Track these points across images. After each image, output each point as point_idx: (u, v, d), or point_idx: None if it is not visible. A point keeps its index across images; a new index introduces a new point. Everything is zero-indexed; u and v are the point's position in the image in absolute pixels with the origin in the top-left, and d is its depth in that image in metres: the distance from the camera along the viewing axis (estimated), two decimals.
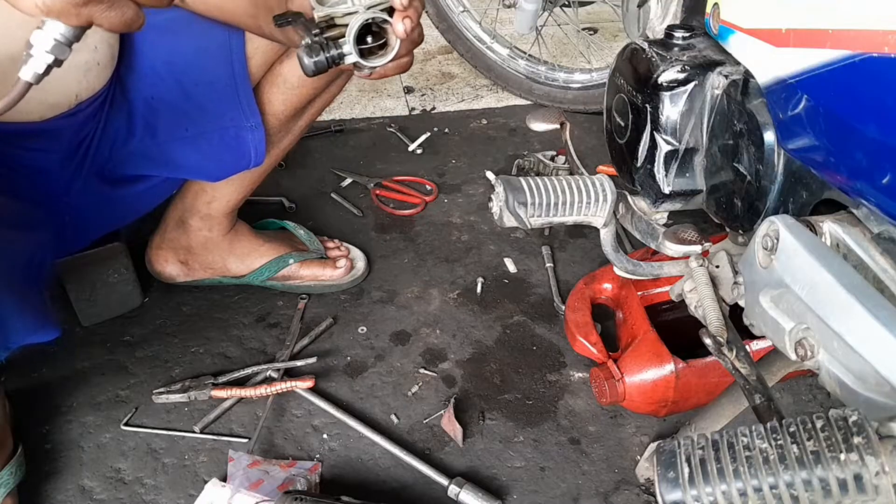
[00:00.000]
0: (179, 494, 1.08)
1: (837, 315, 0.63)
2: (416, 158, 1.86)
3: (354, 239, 1.56)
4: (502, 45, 2.10)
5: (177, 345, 1.32)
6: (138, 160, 1.14)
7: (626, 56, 0.95)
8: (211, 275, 1.41)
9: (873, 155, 0.64)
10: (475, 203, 1.70)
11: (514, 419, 1.21)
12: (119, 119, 1.09)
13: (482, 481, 1.10)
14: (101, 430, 1.17)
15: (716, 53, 0.88)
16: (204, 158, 1.17)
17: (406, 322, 1.39)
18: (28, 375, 1.25)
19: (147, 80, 1.08)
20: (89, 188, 1.11)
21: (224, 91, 1.12)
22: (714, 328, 0.79)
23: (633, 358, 1.10)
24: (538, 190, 0.86)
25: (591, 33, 2.35)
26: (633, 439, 1.18)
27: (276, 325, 1.37)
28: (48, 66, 0.66)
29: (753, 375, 0.75)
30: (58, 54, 0.66)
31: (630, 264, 0.96)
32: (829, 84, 0.67)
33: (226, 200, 1.33)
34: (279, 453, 1.14)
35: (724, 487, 0.52)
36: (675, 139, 0.90)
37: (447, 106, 2.11)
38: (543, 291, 1.46)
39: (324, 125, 1.94)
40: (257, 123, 1.16)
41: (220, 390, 1.20)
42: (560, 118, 1.06)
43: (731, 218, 0.89)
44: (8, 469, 1.01)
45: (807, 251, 0.67)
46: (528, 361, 1.31)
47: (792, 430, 0.53)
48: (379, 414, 1.21)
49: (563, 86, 2.04)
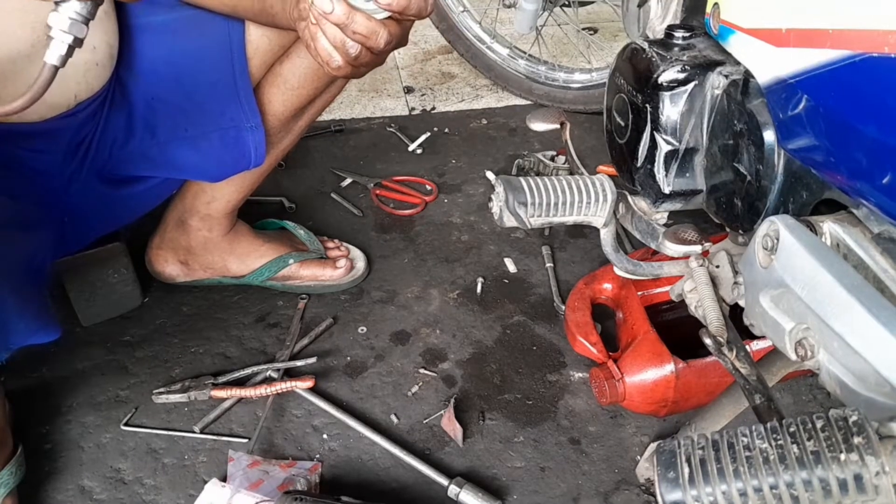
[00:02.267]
0: (179, 494, 1.08)
1: (837, 315, 0.63)
2: (416, 158, 1.86)
3: (354, 239, 1.56)
4: (502, 44, 2.10)
5: (177, 345, 1.32)
6: (138, 161, 1.14)
7: (626, 56, 0.95)
8: (211, 275, 1.41)
9: (873, 155, 0.64)
10: (475, 203, 1.70)
11: (514, 419, 1.21)
12: (119, 119, 1.09)
13: (482, 481, 1.10)
14: (101, 430, 1.17)
15: (716, 53, 0.88)
16: (204, 159, 1.17)
17: (406, 322, 1.39)
18: (28, 375, 1.25)
19: (147, 81, 1.08)
20: (89, 189, 1.11)
21: (224, 91, 1.12)
22: (714, 328, 0.79)
23: (633, 358, 1.10)
24: (538, 190, 0.86)
25: (591, 33, 2.35)
26: (633, 439, 1.18)
27: (276, 325, 1.37)
28: (69, 46, 0.69)
29: (753, 375, 0.75)
30: (76, 33, 0.68)
31: (630, 264, 0.96)
32: (830, 84, 0.67)
33: (226, 201, 1.33)
34: (279, 453, 1.14)
35: (724, 487, 0.52)
36: (675, 139, 0.90)
37: (447, 106, 2.11)
38: (543, 291, 1.46)
39: (324, 125, 1.94)
40: (257, 124, 1.16)
41: (220, 390, 1.20)
42: (560, 118, 1.06)
43: (731, 218, 0.89)
44: (8, 469, 1.01)
45: (807, 251, 0.67)
46: (528, 361, 1.31)
47: (792, 430, 0.53)
48: (379, 414, 1.21)
49: (563, 86, 2.04)
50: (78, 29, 0.68)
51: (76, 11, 0.67)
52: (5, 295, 0.87)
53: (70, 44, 0.68)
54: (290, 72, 1.16)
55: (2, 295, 0.86)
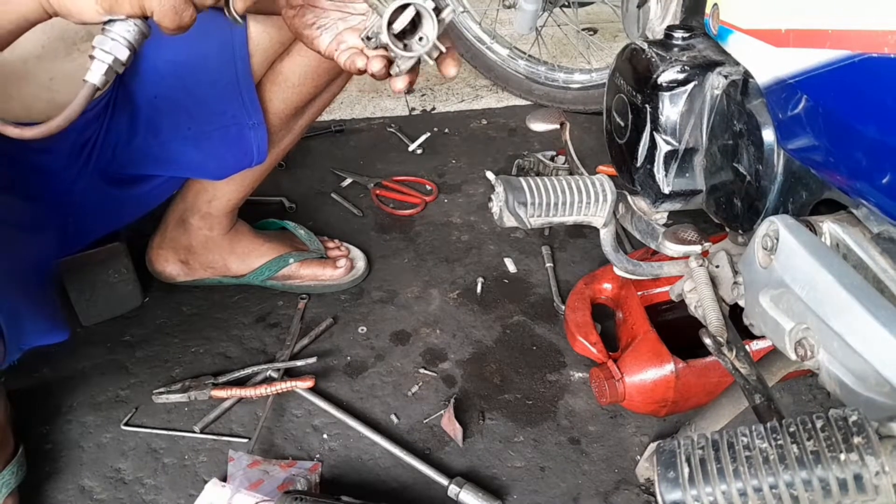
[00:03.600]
0: (179, 494, 1.09)
1: (837, 315, 0.63)
2: (416, 158, 1.86)
3: (354, 239, 1.56)
4: (502, 45, 2.10)
5: (177, 345, 1.32)
6: (141, 159, 1.14)
7: (625, 56, 0.95)
8: (211, 274, 1.41)
9: (873, 155, 0.64)
10: (475, 203, 1.70)
11: (514, 419, 1.21)
12: (122, 119, 1.09)
13: (482, 481, 1.10)
14: (102, 430, 1.17)
15: (715, 54, 0.88)
16: (206, 157, 1.17)
17: (406, 322, 1.39)
18: (28, 375, 1.25)
19: (149, 81, 1.08)
20: (92, 188, 1.12)
21: (226, 89, 1.12)
22: (714, 328, 0.79)
23: (633, 358, 1.10)
24: (538, 190, 0.86)
25: (591, 34, 2.35)
26: (633, 439, 1.18)
27: (276, 325, 1.37)
28: (109, 66, 0.70)
29: (753, 375, 0.75)
30: (119, 54, 0.70)
31: (630, 264, 0.96)
32: (829, 84, 0.67)
33: (226, 199, 1.33)
34: (279, 453, 1.14)
35: (724, 487, 0.52)
36: (675, 139, 0.90)
37: (447, 106, 2.11)
38: (543, 291, 1.46)
39: (324, 125, 1.94)
40: (259, 121, 1.16)
41: (220, 390, 1.20)
42: (560, 118, 1.06)
43: (731, 218, 0.89)
44: (9, 469, 1.01)
45: (806, 251, 0.67)
46: (528, 361, 1.31)
47: (792, 430, 0.53)
48: (379, 414, 1.21)
49: (562, 86, 2.04)
50: (121, 51, 0.70)
51: (122, 36, 0.69)
52: (18, 296, 0.87)
53: (111, 64, 0.70)
54: (291, 70, 1.16)
55: (15, 296, 0.87)
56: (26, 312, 0.89)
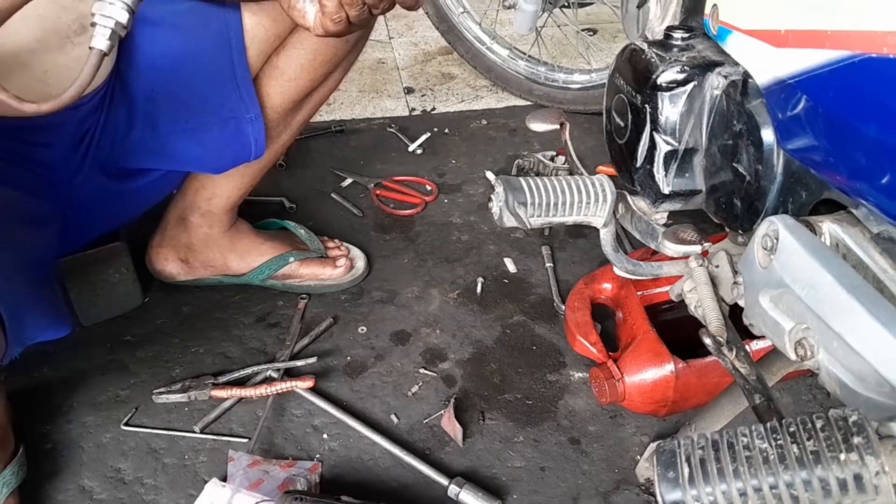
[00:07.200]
0: (179, 494, 1.09)
1: (837, 315, 0.63)
2: (417, 158, 1.86)
3: (354, 239, 1.56)
4: (502, 45, 2.10)
5: (177, 345, 1.32)
6: (139, 153, 1.15)
7: (625, 57, 0.95)
8: (211, 273, 1.41)
9: (872, 155, 0.64)
10: (475, 203, 1.70)
11: (514, 419, 1.21)
12: (119, 112, 1.09)
13: (482, 481, 1.10)
14: (102, 430, 1.17)
15: (715, 54, 0.88)
16: (204, 151, 1.18)
17: (406, 322, 1.39)
18: (28, 375, 1.25)
19: (147, 74, 1.08)
20: (92, 182, 1.12)
21: (223, 82, 1.12)
22: (714, 328, 0.79)
23: (632, 358, 1.10)
24: (538, 190, 0.86)
25: (591, 34, 2.35)
26: (633, 439, 1.18)
27: (276, 325, 1.37)
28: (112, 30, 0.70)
29: (753, 375, 0.75)
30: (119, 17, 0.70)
31: (630, 264, 0.96)
32: (828, 84, 0.67)
33: (226, 196, 1.33)
34: (279, 453, 1.14)
35: (724, 487, 0.52)
36: (675, 139, 0.90)
37: (447, 106, 2.11)
38: (543, 291, 1.46)
39: (324, 125, 1.94)
40: (257, 115, 1.17)
41: (220, 390, 1.20)
42: (560, 118, 1.06)
43: (731, 218, 0.89)
44: (10, 469, 1.01)
45: (806, 251, 0.67)
46: (528, 361, 1.31)
47: (792, 430, 0.53)
48: (379, 414, 1.21)
49: (562, 86, 2.04)
50: (120, 14, 0.70)
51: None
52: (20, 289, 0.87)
53: (113, 28, 0.70)
54: (287, 63, 1.16)
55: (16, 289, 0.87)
56: (28, 306, 0.89)
